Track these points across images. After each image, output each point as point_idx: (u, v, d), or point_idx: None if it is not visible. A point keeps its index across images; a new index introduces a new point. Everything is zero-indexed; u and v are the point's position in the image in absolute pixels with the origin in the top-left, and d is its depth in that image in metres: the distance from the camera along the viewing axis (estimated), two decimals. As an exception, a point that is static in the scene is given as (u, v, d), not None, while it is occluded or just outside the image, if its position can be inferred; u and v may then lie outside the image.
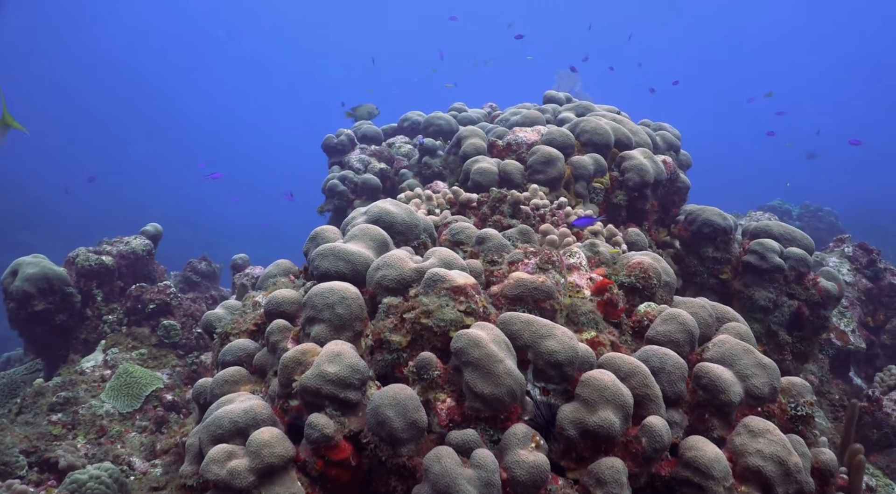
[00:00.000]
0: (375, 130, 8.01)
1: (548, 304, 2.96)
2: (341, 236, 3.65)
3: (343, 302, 2.91)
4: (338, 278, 3.16)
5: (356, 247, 3.27)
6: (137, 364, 6.88)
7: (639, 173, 5.01)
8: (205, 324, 3.65)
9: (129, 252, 7.49)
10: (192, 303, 7.51)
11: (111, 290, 7.32)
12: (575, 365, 2.71)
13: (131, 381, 6.46)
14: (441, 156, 6.98)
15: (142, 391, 6.43)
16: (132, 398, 6.38)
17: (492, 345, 2.62)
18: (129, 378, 6.47)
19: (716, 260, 5.16)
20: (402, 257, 3.05)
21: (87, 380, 6.59)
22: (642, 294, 3.37)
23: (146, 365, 6.92)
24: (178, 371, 6.94)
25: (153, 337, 7.13)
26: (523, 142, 5.18)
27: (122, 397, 6.38)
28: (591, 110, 6.33)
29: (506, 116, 7.22)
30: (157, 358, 7.02)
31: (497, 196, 4.10)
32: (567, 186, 4.89)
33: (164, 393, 6.53)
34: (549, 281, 2.97)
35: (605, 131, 5.14)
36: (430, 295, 2.83)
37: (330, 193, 7.27)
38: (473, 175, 4.86)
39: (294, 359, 2.77)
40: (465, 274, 2.91)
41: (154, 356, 7.02)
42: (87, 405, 6.26)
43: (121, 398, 6.37)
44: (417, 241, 3.64)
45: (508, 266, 3.16)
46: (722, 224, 5.10)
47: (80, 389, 6.46)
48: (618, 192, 5.05)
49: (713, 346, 3.07)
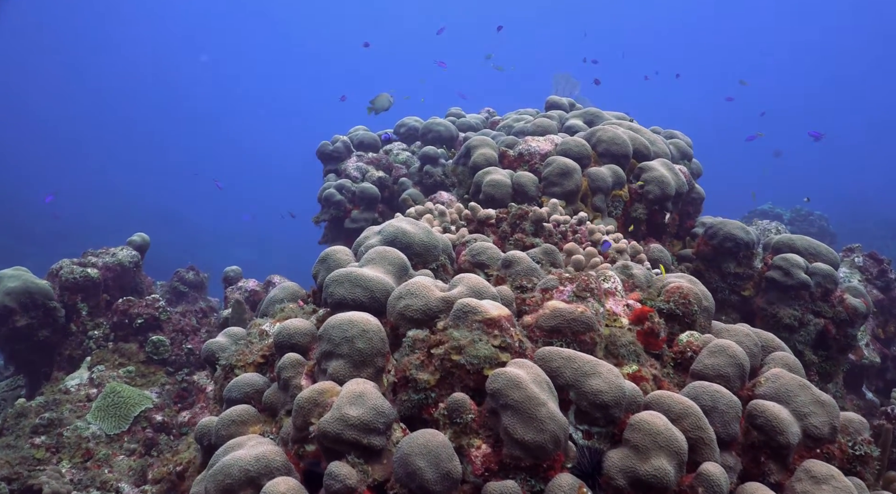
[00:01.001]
0: (372, 137, 7.74)
1: (588, 337, 2.70)
2: (353, 257, 3.38)
3: (364, 336, 2.64)
4: (354, 306, 2.89)
5: (374, 272, 3.00)
6: (125, 381, 6.57)
7: (660, 185, 4.77)
8: (206, 354, 3.36)
9: (116, 264, 7.18)
10: (181, 317, 7.20)
11: (97, 304, 7.00)
12: (622, 406, 2.46)
13: (119, 401, 6.15)
14: (443, 165, 6.72)
15: (130, 411, 6.12)
16: (120, 419, 6.08)
17: (533, 386, 2.36)
18: (116, 397, 6.16)
19: (738, 276, 4.93)
20: (427, 285, 2.78)
21: (72, 400, 6.28)
22: (682, 321, 3.12)
23: (134, 383, 6.61)
24: (167, 389, 6.64)
25: (141, 354, 6.82)
26: (536, 152, 4.93)
27: (110, 418, 6.07)
28: (600, 117, 6.08)
29: (508, 123, 6.97)
30: (145, 376, 6.71)
31: (517, 212, 3.84)
32: (584, 199, 4.64)
33: (154, 413, 6.22)
34: (588, 311, 2.71)
35: (623, 141, 4.89)
36: (461, 329, 2.56)
37: (326, 203, 6.99)
38: (486, 187, 4.60)
39: (311, 400, 2.49)
40: (499, 305, 2.64)
41: (142, 373, 6.71)
42: (73, 426, 5.95)
43: (108, 419, 6.06)
44: (437, 263, 3.38)
45: (542, 293, 2.89)
46: (745, 238, 4.86)
47: (64, 409, 6.15)
48: (637, 206, 4.81)
49: (766, 381, 2.82)
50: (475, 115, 8.61)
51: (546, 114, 6.48)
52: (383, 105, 8.04)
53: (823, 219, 19.70)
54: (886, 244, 23.67)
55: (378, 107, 8.07)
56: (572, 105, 7.59)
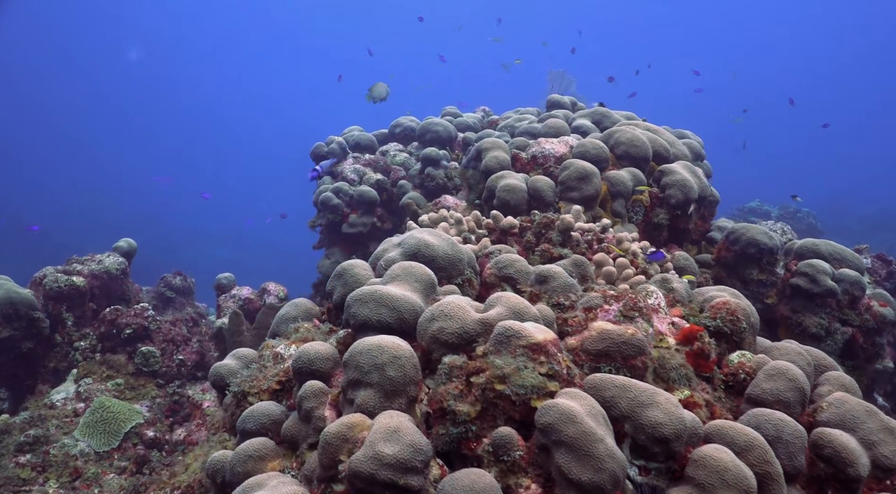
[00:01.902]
0: (369, 138, 7.48)
1: (639, 361, 2.47)
2: (372, 272, 3.13)
3: (395, 363, 2.39)
4: (379, 328, 2.65)
5: (400, 290, 2.75)
6: (113, 395, 6.29)
7: (682, 189, 4.55)
8: (215, 379, 3.10)
9: (103, 271, 6.88)
10: (171, 327, 6.91)
11: (83, 314, 6.71)
12: (683, 439, 2.23)
13: (108, 416, 5.86)
14: (445, 167, 6.48)
15: (120, 427, 5.84)
16: (109, 435, 5.79)
17: (588, 420, 2.13)
18: (105, 412, 5.88)
19: (761, 283, 4.73)
20: (462, 305, 2.53)
21: (58, 415, 5.99)
22: (729, 339, 2.90)
23: (123, 397, 6.32)
24: (158, 402, 6.36)
25: (130, 365, 6.53)
26: (551, 154, 4.70)
27: (99, 434, 5.78)
28: (608, 117, 5.87)
29: (510, 123, 6.75)
30: (134, 389, 6.43)
31: (542, 221, 3.60)
32: (603, 204, 4.42)
33: (145, 428, 5.95)
34: (638, 333, 2.48)
35: (642, 143, 4.67)
36: (504, 355, 2.32)
37: (323, 206, 6.73)
38: (500, 193, 4.36)
39: (339, 435, 2.25)
40: (543, 328, 2.40)
41: (132, 386, 6.43)
42: (60, 444, 5.66)
43: (97, 435, 5.77)
44: (462, 278, 3.14)
45: (585, 313, 2.66)
46: (769, 244, 4.66)
47: (50, 425, 5.87)
48: (658, 211, 4.59)
49: (828, 406, 2.60)
50: (472, 115, 8.37)
51: (551, 113, 6.26)
52: (380, 94, 7.78)
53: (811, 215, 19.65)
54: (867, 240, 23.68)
55: (375, 96, 7.80)
56: (574, 103, 7.38)
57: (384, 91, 7.95)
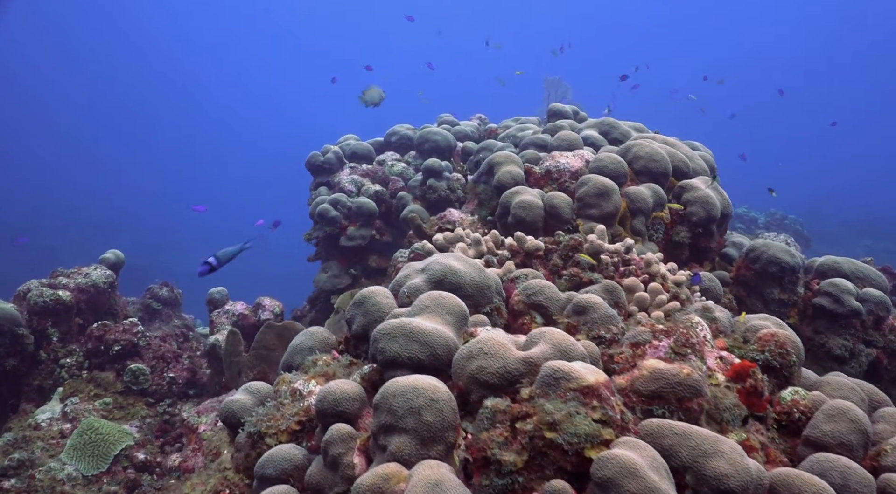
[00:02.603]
0: (366, 147, 7.26)
1: (695, 404, 2.28)
2: (393, 299, 2.93)
3: (433, 407, 2.19)
4: (410, 366, 2.44)
5: (431, 323, 2.55)
6: (101, 414, 6.03)
7: (704, 206, 4.38)
8: (227, 415, 2.87)
9: (90, 285, 6.61)
10: (161, 343, 6.66)
11: (69, 329, 6.44)
12: (749, 491, 2.05)
13: (97, 439, 5.61)
14: (447, 179, 6.28)
15: (109, 450, 5.59)
16: (98, 458, 5.54)
17: (651, 474, 1.94)
18: (94, 435, 5.62)
19: (782, 303, 4.56)
20: (503, 342, 2.34)
21: (44, 437, 5.73)
22: (778, 374, 2.72)
23: (111, 416, 6.07)
24: (148, 422, 6.11)
25: (118, 384, 6.28)
26: (566, 169, 4.51)
27: (87, 457, 5.52)
28: (616, 128, 5.70)
29: (511, 132, 6.57)
30: (123, 408, 6.17)
31: (569, 243, 3.40)
32: (622, 222, 4.24)
33: (136, 451, 5.70)
34: (694, 373, 2.29)
35: (662, 157, 4.49)
36: (553, 399, 2.13)
37: (320, 219, 6.51)
38: (515, 210, 4.17)
39: (373, 488, 2.05)
40: (594, 369, 2.21)
41: (120, 405, 6.18)
42: (46, 467, 5.40)
43: (85, 458, 5.51)
44: (490, 306, 2.94)
45: (632, 349, 2.47)
46: (791, 262, 4.50)
47: (35, 447, 5.60)
48: (679, 229, 4.41)
49: (893, 450, 2.43)
50: (468, 123, 8.19)
51: (557, 124, 6.07)
52: (373, 99, 7.56)
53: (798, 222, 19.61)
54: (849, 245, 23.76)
55: (368, 101, 7.58)
56: (576, 112, 7.22)
57: (378, 95, 7.74)
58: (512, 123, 7.60)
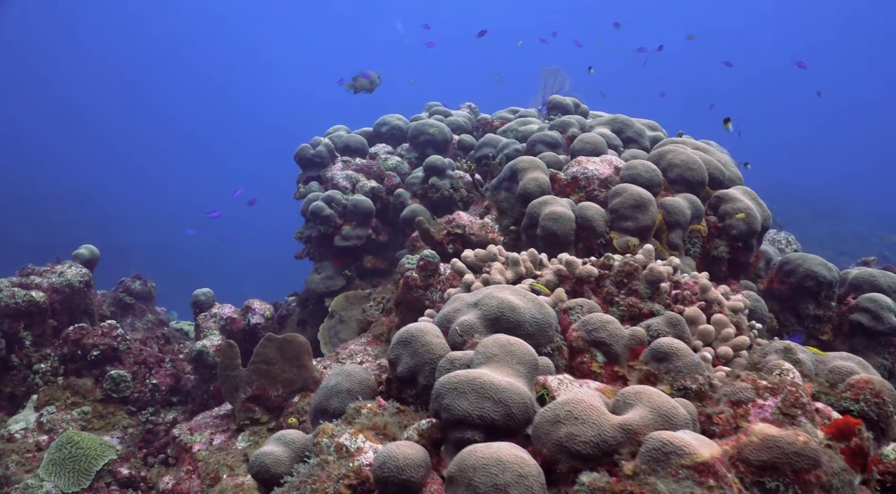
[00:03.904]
0: (359, 140, 6.89)
1: (812, 476, 2.02)
2: (444, 338, 2.62)
3: (520, 484, 1.89)
4: (482, 426, 2.14)
5: (501, 375, 2.24)
6: (79, 424, 5.65)
7: (745, 219, 4.12)
8: (258, 470, 2.53)
9: (64, 285, 6.18)
10: (142, 346, 6.26)
11: (43, 332, 6.01)
12: None
13: (77, 453, 5.23)
14: (451, 177, 5.95)
15: (91, 465, 5.22)
16: (79, 474, 5.17)
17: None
18: (74, 449, 5.24)
19: (817, 319, 4.34)
20: (595, 405, 2.04)
21: (19, 449, 5.35)
22: (874, 426, 2.47)
23: (91, 426, 5.69)
24: (130, 433, 5.74)
25: (98, 391, 5.88)
26: (594, 176, 4.22)
27: (67, 473, 5.15)
28: (629, 127, 5.42)
29: (512, 126, 6.27)
30: (103, 417, 5.79)
31: (624, 269, 3.10)
32: (658, 235, 3.96)
33: (119, 465, 5.34)
34: (811, 440, 2.02)
35: (698, 166, 4.22)
36: (664, 478, 1.84)
37: (313, 217, 6.14)
38: (545, 222, 3.88)
39: None
40: (707, 442, 1.93)
41: (100, 414, 5.79)
42: (23, 484, 5.03)
43: (65, 474, 5.14)
44: (552, 346, 2.64)
45: (731, 407, 2.19)
46: (828, 277, 4.27)
47: (10, 462, 5.23)
48: (717, 242, 4.15)
49: None
50: (459, 113, 7.84)
51: (563, 120, 5.77)
52: (364, 86, 7.15)
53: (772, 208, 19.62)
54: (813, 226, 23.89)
55: (358, 87, 7.18)
56: (577, 105, 6.93)
57: (368, 83, 7.35)
58: (509, 115, 7.29)
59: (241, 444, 4.59)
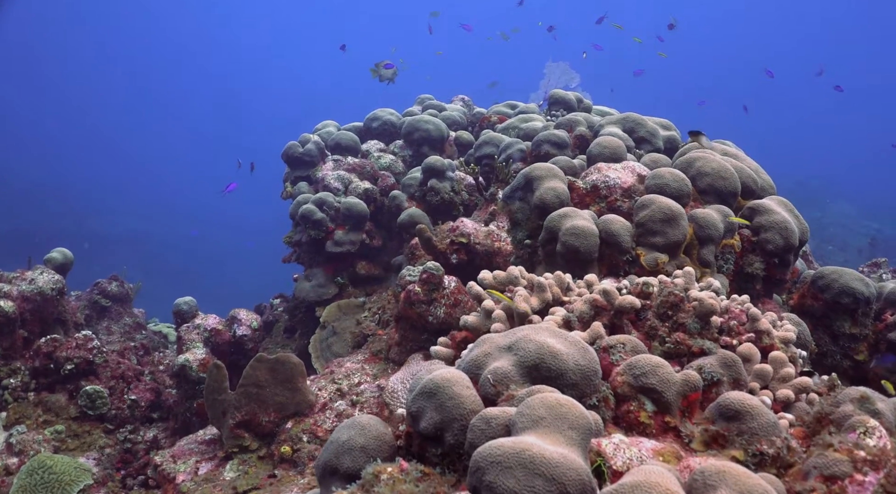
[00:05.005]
0: (351, 138, 6.50)
1: (932, 573, 1.69)
2: (474, 389, 2.27)
3: None
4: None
5: (551, 444, 1.89)
6: (53, 445, 5.27)
7: (782, 233, 3.78)
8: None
9: (35, 292, 5.74)
10: (120, 359, 5.86)
11: (12, 345, 5.60)
12: None
13: (50, 479, 4.84)
14: (451, 179, 5.58)
15: (66, 492, 4.83)
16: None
17: None
18: (46, 474, 4.85)
19: (852, 338, 4.03)
20: (667, 481, 1.70)
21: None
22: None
23: (64, 447, 5.30)
24: (107, 453, 5.37)
25: (72, 408, 5.49)
26: (616, 185, 3.87)
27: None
28: (642, 126, 5.09)
29: (513, 123, 5.93)
30: (78, 436, 5.41)
31: (668, 300, 2.73)
32: (688, 251, 3.62)
33: (96, 491, 4.97)
34: (928, 529, 1.70)
35: (731, 175, 3.87)
36: None
37: (303, 221, 5.76)
38: (566, 237, 3.52)
39: None
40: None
41: (75, 433, 5.41)
42: (-9, 514, 4.65)
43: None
44: (598, 397, 2.30)
45: (825, 483, 1.86)
46: (866, 293, 3.96)
47: (-24, 489, 4.83)
48: (751, 258, 3.81)
49: None
50: (453, 106, 7.46)
51: (570, 118, 5.42)
52: (386, 75, 6.79)
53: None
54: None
55: (383, 75, 6.81)
56: (580, 100, 6.59)
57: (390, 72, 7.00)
58: (507, 110, 6.92)
59: (229, 474, 4.21)
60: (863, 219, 27.18)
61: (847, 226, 25.00)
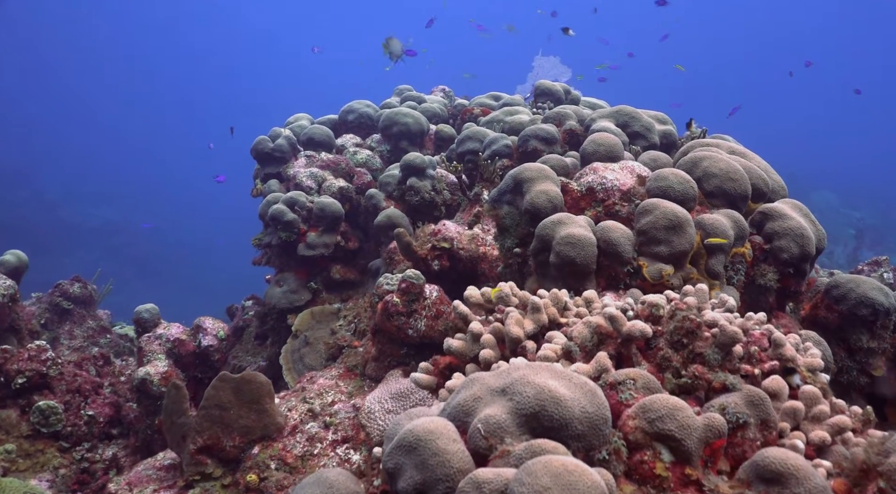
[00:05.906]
0: (325, 132, 6.09)
1: None
2: (461, 443, 1.91)
3: None
4: None
5: (559, 524, 1.53)
6: (3, 466, 4.86)
7: (797, 240, 3.43)
8: None
9: (-16, 300, 5.32)
10: (77, 371, 5.44)
11: (-42, 357, 5.17)
12: None
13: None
14: (432, 177, 5.21)
15: (14, 519, 4.43)
16: (0, 532, 4.38)
17: None
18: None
19: (870, 352, 3.70)
20: None
21: (-73, 502, 4.53)
22: None
23: (15, 468, 4.90)
24: (62, 474, 4.97)
25: (24, 425, 5.06)
26: (615, 187, 3.51)
27: (-15, 530, 4.36)
28: (637, 120, 4.74)
29: (497, 117, 5.57)
30: (31, 456, 5.00)
31: (683, 325, 2.36)
32: (694, 260, 3.27)
33: (48, 517, 4.56)
34: None
35: (741, 176, 3.52)
36: None
37: (273, 222, 5.36)
38: (561, 247, 3.16)
39: None
40: None
41: (27, 452, 4.99)
42: (-68, 545, 4.22)
43: (-18, 532, 4.35)
44: (607, 449, 1.94)
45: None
46: (886, 304, 3.62)
47: (-85, 518, 4.41)
48: (764, 268, 3.47)
49: None
50: (433, 98, 7.08)
51: (559, 112, 5.06)
52: (396, 51, 6.40)
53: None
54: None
55: (393, 52, 6.42)
56: (567, 92, 6.24)
57: (399, 49, 6.61)
58: (490, 102, 6.56)
59: (190, 504, 3.83)
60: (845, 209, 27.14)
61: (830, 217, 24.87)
